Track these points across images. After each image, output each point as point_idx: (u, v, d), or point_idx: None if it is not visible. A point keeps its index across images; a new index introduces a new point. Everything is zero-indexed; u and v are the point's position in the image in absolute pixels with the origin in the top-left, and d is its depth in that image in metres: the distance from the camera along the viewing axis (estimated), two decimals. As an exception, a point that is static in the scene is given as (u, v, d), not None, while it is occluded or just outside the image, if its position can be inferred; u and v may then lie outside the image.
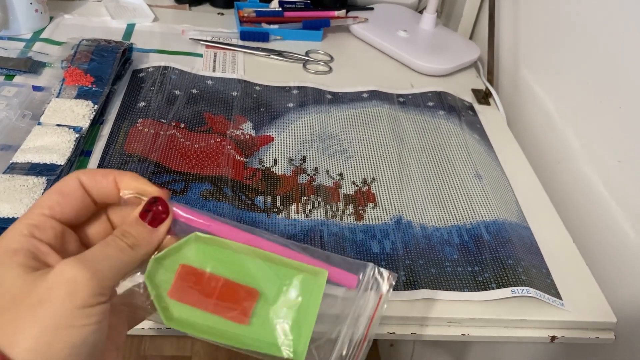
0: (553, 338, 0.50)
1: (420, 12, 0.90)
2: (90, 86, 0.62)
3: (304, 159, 0.61)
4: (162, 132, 0.60)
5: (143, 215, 0.31)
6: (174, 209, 0.32)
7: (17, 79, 0.66)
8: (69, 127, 0.57)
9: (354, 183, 0.60)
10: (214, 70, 0.74)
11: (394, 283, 0.35)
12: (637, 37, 0.56)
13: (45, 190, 0.49)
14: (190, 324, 0.32)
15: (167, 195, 0.32)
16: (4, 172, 0.51)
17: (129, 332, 0.45)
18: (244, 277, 0.32)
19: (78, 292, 0.26)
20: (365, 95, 0.73)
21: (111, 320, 0.29)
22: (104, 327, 0.27)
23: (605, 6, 0.61)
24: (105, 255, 0.28)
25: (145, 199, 0.32)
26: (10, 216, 0.47)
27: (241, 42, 0.82)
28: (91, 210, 0.32)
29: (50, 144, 0.54)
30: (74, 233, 0.31)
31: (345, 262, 0.34)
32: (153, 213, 0.31)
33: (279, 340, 0.32)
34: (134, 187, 0.32)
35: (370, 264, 0.34)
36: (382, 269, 0.35)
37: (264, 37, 0.83)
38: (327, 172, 0.60)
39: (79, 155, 0.56)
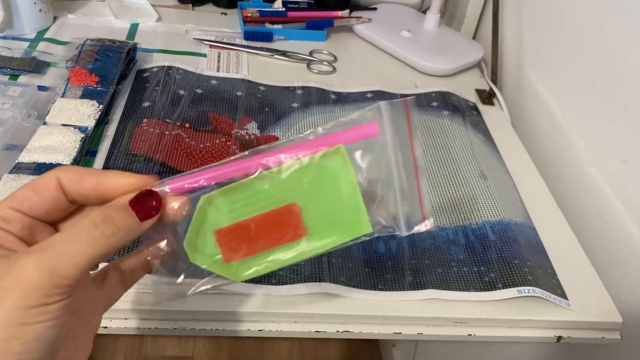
0: (559, 338, 0.50)
1: (424, 12, 0.90)
2: (95, 86, 0.62)
3: (309, 159, 0.61)
4: (167, 132, 0.60)
5: (133, 203, 0.29)
6: (167, 187, 0.30)
7: (22, 78, 0.66)
8: (75, 126, 0.57)
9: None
10: (218, 70, 0.74)
11: (413, 105, 0.33)
12: (642, 38, 0.56)
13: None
14: (257, 269, 0.32)
15: (155, 180, 0.31)
16: (10, 172, 0.51)
17: (130, 333, 0.45)
18: (273, 201, 0.31)
19: (30, 293, 0.25)
20: (369, 95, 0.73)
21: (82, 305, 0.29)
22: (63, 321, 0.26)
23: (610, 6, 0.61)
24: (70, 250, 0.26)
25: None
26: (17, 216, 0.46)
27: (245, 42, 0.82)
28: (67, 209, 0.30)
29: (55, 143, 0.54)
30: (49, 225, 0.30)
31: (354, 120, 0.32)
32: (144, 206, 0.29)
33: (342, 229, 0.32)
34: (121, 185, 0.30)
35: (383, 103, 0.32)
36: (394, 100, 0.33)
37: (268, 37, 0.83)
38: (332, 172, 0.60)
39: (85, 155, 0.56)
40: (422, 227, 0.33)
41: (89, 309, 0.30)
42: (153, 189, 0.30)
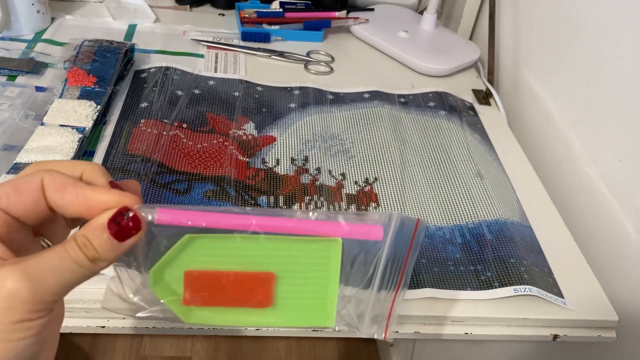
0: (555, 336, 0.50)
1: (421, 12, 0.90)
2: (93, 86, 0.62)
3: (306, 159, 0.62)
4: (164, 133, 0.61)
5: (110, 225, 0.27)
6: (156, 216, 0.29)
7: (20, 79, 0.66)
8: (72, 127, 0.57)
9: (356, 183, 0.60)
10: (215, 71, 0.75)
11: (424, 226, 0.33)
12: (637, 37, 0.56)
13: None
14: (212, 319, 0.32)
15: (138, 201, 0.29)
16: (7, 172, 0.51)
17: (127, 332, 0.45)
18: (252, 262, 0.31)
19: (17, 307, 0.24)
20: (366, 95, 0.74)
21: (51, 327, 0.27)
22: (42, 338, 0.25)
23: (606, 6, 0.62)
24: (55, 267, 0.25)
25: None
26: (15, 216, 0.47)
27: (242, 43, 0.82)
28: (45, 215, 0.28)
29: (53, 144, 0.54)
30: (27, 228, 0.29)
31: (361, 218, 0.32)
32: (122, 227, 0.27)
33: (307, 313, 0.32)
34: (103, 202, 0.28)
35: (396, 213, 0.32)
36: (408, 217, 0.33)
37: (265, 37, 0.83)
38: (330, 172, 0.61)
39: (82, 156, 0.57)
40: (381, 336, 0.34)
41: (53, 329, 0.29)
42: (136, 210, 0.28)
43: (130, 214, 0.28)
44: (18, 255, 0.27)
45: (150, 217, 0.29)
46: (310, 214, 0.31)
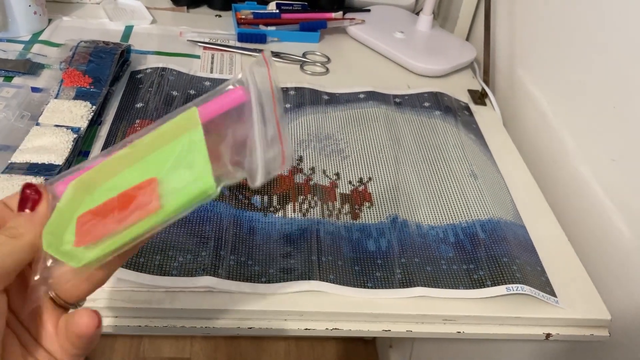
0: (548, 335, 0.50)
1: (417, 13, 0.90)
2: (88, 87, 0.63)
3: (300, 159, 0.62)
4: (159, 133, 0.61)
5: (21, 205, 0.29)
6: (55, 187, 0.30)
7: (16, 80, 0.66)
8: (67, 127, 0.57)
9: (350, 182, 0.60)
10: (211, 72, 0.75)
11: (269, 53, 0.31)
12: (631, 37, 0.57)
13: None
14: (106, 247, 0.28)
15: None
16: (2, 172, 0.51)
17: (128, 333, 0.45)
18: (133, 179, 0.30)
19: None
20: (361, 96, 0.74)
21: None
22: None
23: (600, 6, 0.62)
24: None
25: None
26: (9, 215, 0.47)
27: (239, 44, 0.82)
28: None
29: (48, 144, 0.55)
30: None
31: (218, 90, 0.31)
32: (24, 198, 0.29)
33: (187, 187, 0.29)
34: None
35: (243, 70, 0.31)
36: (254, 60, 0.32)
37: (262, 38, 0.83)
38: (324, 171, 0.61)
39: (77, 156, 0.57)
40: (277, 166, 0.30)
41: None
42: (35, 184, 0.30)
43: (31, 186, 0.30)
44: None
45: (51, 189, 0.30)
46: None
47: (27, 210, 0.29)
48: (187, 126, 0.31)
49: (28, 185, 0.30)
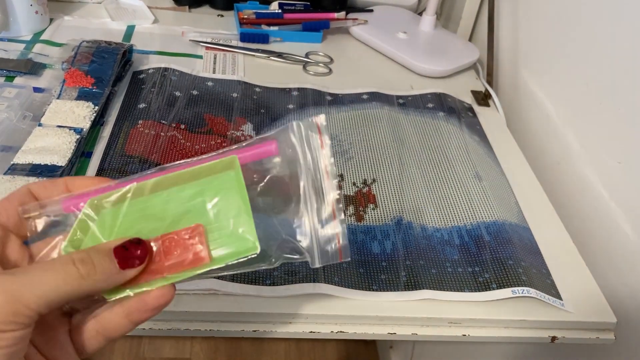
0: (553, 338, 0.50)
1: (420, 14, 0.90)
2: (90, 87, 0.62)
3: (304, 160, 0.61)
4: (162, 134, 0.60)
5: (117, 250, 0.28)
6: (61, 203, 0.29)
7: (18, 80, 0.66)
8: (70, 128, 0.57)
9: (354, 184, 0.60)
10: (214, 72, 0.74)
11: (324, 122, 0.30)
12: (636, 39, 0.56)
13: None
14: (150, 289, 0.29)
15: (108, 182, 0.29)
16: (4, 173, 0.51)
17: (131, 334, 0.45)
18: (172, 218, 0.29)
19: None
20: (365, 96, 0.74)
21: (46, 345, 0.28)
22: (15, 351, 0.25)
23: (605, 8, 0.62)
24: (40, 279, 0.25)
25: (52, 217, 0.29)
26: (12, 217, 0.47)
27: (241, 44, 0.82)
28: None
29: (51, 145, 0.54)
30: (19, 241, 0.29)
31: (259, 138, 0.31)
32: (129, 254, 0.28)
33: (232, 248, 0.29)
34: (87, 183, 0.29)
35: (290, 123, 0.30)
36: (304, 120, 0.31)
37: (264, 38, 0.83)
38: (328, 173, 0.60)
39: (80, 157, 0.56)
40: (336, 259, 0.31)
41: (53, 349, 0.29)
42: (145, 241, 0.28)
43: (140, 244, 0.28)
44: None
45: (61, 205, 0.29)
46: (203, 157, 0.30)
47: (127, 270, 0.28)
48: (224, 169, 0.30)
49: (140, 245, 0.28)
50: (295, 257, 0.31)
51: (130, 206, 0.29)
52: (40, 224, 0.29)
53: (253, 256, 0.29)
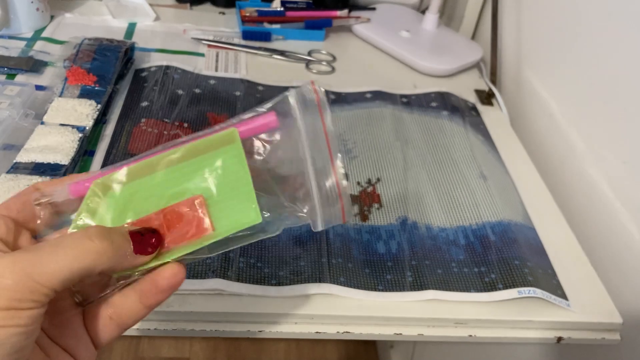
0: (559, 339, 0.50)
1: (423, 12, 0.89)
2: (93, 85, 0.62)
3: (308, 159, 0.61)
4: (165, 132, 0.60)
5: (133, 233, 0.28)
6: (67, 187, 0.29)
7: (19, 78, 0.65)
8: (73, 126, 0.56)
9: (358, 183, 0.59)
10: (216, 70, 0.74)
11: (321, 87, 0.31)
12: (642, 38, 0.56)
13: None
14: (156, 265, 0.29)
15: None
16: (7, 172, 0.50)
17: (128, 334, 0.45)
18: (175, 193, 0.29)
19: (3, 292, 0.24)
20: (368, 95, 0.73)
21: (59, 330, 0.28)
22: (31, 330, 0.24)
23: (609, 6, 0.61)
24: (54, 256, 0.25)
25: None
26: (15, 216, 0.46)
27: (243, 42, 0.81)
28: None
29: (53, 143, 0.54)
30: (29, 234, 0.29)
31: (259, 111, 0.31)
32: (144, 240, 0.28)
33: (233, 219, 0.29)
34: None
35: (291, 90, 0.31)
36: (303, 87, 0.31)
37: (266, 36, 0.82)
38: (332, 172, 0.60)
39: (83, 155, 0.56)
40: (339, 220, 0.31)
41: (68, 339, 0.28)
42: (156, 230, 0.29)
43: (155, 232, 0.28)
44: None
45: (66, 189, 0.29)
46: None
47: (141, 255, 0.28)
48: (226, 141, 0.30)
49: (155, 233, 0.29)
50: (297, 222, 0.31)
51: (134, 185, 0.29)
52: (49, 209, 0.29)
53: (256, 225, 0.29)
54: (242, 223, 0.29)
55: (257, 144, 0.31)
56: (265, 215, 0.30)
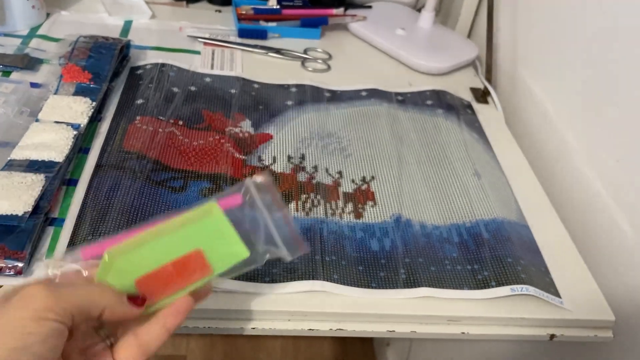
0: (552, 336, 0.50)
1: (419, 10, 0.89)
2: (88, 83, 0.62)
3: (303, 157, 0.61)
4: (160, 130, 0.60)
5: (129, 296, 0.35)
6: (80, 255, 0.36)
7: (14, 75, 0.65)
8: (67, 124, 0.56)
9: (353, 181, 0.60)
10: (212, 68, 0.74)
11: (265, 181, 0.41)
12: (634, 37, 0.56)
13: (43, 187, 0.49)
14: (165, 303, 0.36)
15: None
16: (1, 169, 0.51)
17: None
18: (175, 251, 0.37)
19: (33, 300, 0.29)
20: (363, 93, 0.73)
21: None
22: (53, 343, 0.29)
23: (603, 5, 0.61)
24: (74, 290, 0.32)
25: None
26: (9, 213, 0.46)
27: (239, 40, 0.82)
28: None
29: (48, 140, 0.54)
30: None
31: (226, 193, 0.41)
32: (137, 299, 0.35)
33: (230, 258, 0.38)
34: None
35: (247, 179, 0.41)
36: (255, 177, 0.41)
37: (262, 34, 0.82)
38: (327, 170, 0.60)
39: (77, 153, 0.56)
40: (303, 251, 0.41)
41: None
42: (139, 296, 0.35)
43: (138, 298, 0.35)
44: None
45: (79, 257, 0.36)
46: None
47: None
48: (207, 212, 0.38)
49: (137, 299, 0.35)
50: (274, 255, 0.41)
51: (136, 253, 0.36)
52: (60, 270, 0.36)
53: (246, 260, 0.38)
54: (233, 258, 0.38)
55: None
56: (250, 251, 0.38)
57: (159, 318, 0.35)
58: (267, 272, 0.48)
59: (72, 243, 0.47)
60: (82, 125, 0.57)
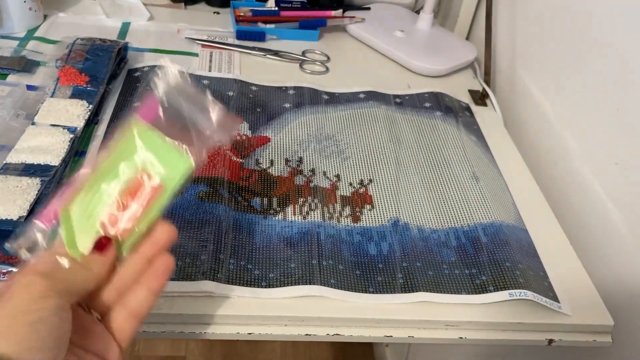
0: (550, 341, 0.50)
1: (417, 12, 0.89)
2: (85, 86, 0.62)
3: (300, 160, 0.61)
4: (157, 133, 0.60)
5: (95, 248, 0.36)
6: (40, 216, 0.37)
7: (11, 77, 0.65)
8: (64, 127, 0.56)
9: (350, 184, 0.59)
10: (210, 70, 0.74)
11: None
12: (634, 39, 0.56)
13: (39, 191, 0.49)
14: (145, 229, 0.36)
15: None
16: (-3, 173, 0.50)
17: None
18: (123, 183, 0.36)
19: (32, 286, 0.31)
20: (362, 95, 0.73)
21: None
22: (63, 315, 0.31)
23: (603, 8, 0.61)
24: (60, 271, 0.33)
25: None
26: (4, 218, 0.46)
27: (237, 42, 0.81)
28: None
29: (44, 144, 0.54)
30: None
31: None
32: (97, 244, 0.35)
33: (175, 170, 0.37)
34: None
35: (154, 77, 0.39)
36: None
37: (260, 36, 0.82)
38: (324, 173, 0.60)
39: (74, 156, 0.56)
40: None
41: (97, 345, 0.35)
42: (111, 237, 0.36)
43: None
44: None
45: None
46: None
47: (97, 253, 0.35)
48: (134, 133, 0.37)
49: (102, 237, 0.36)
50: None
51: (87, 198, 0.36)
52: (27, 250, 0.36)
53: (191, 166, 0.36)
54: (179, 170, 0.36)
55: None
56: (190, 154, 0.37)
57: (141, 283, 0.36)
58: (264, 276, 0.48)
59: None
60: (78, 129, 0.57)
